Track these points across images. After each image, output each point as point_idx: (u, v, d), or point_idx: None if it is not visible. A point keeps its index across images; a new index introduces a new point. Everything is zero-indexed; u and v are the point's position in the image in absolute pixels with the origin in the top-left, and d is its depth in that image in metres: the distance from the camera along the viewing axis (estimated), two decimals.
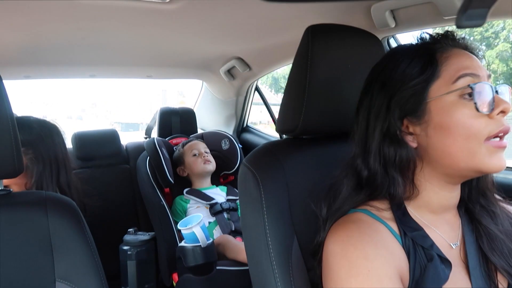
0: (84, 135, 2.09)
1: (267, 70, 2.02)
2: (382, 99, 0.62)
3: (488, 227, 0.64)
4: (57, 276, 0.75)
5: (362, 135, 0.64)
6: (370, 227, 0.59)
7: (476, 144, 0.56)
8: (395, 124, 0.60)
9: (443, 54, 0.60)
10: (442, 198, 0.63)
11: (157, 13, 1.23)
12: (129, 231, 1.70)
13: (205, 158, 1.96)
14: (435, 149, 0.59)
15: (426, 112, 0.59)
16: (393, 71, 0.62)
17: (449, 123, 0.57)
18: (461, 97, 0.57)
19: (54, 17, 1.23)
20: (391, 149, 0.60)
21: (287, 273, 0.72)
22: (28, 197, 0.79)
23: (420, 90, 0.59)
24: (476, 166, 0.57)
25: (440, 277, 0.56)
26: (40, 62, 1.82)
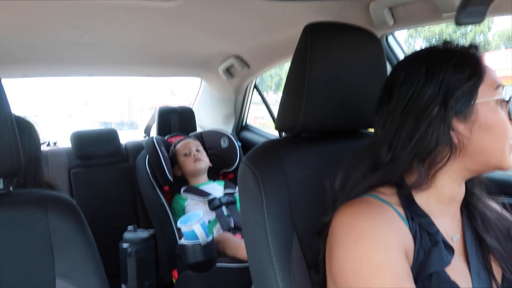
0: (83, 134, 2.09)
1: (265, 68, 2.02)
2: (434, 94, 0.64)
3: (483, 212, 0.70)
4: (57, 273, 0.75)
5: (396, 124, 0.66)
6: (379, 207, 0.63)
7: (507, 145, 0.63)
8: (449, 120, 0.63)
9: (483, 62, 0.67)
10: (452, 191, 0.67)
11: (155, 11, 1.23)
12: (128, 229, 1.70)
13: (195, 157, 1.95)
14: (475, 146, 0.63)
15: (473, 113, 0.63)
16: (444, 69, 0.65)
17: (494, 124, 0.63)
18: (497, 103, 0.64)
19: (52, 16, 1.23)
20: (432, 141, 0.63)
21: (287, 270, 0.73)
22: (28, 196, 0.79)
23: (470, 92, 0.64)
24: (502, 163, 0.64)
25: (443, 260, 0.60)
26: (38, 61, 1.81)
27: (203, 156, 1.99)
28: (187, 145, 2.00)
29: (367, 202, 0.64)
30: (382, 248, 0.57)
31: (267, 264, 0.74)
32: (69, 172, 2.04)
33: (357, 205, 0.64)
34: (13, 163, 0.74)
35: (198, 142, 2.05)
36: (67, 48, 1.63)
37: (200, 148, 2.02)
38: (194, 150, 1.98)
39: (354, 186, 0.67)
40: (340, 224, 0.62)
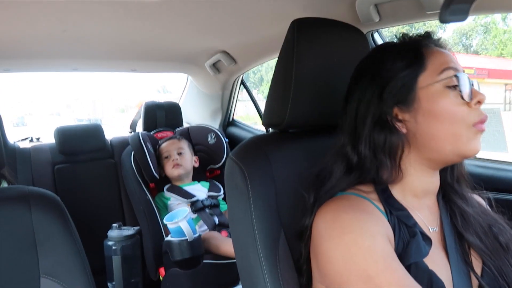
0: (67, 129, 2.06)
1: (253, 64, 2.01)
2: (373, 89, 0.67)
3: (462, 207, 0.70)
4: (42, 272, 0.74)
5: (352, 124, 0.69)
6: (359, 202, 0.64)
7: (462, 128, 0.62)
8: (388, 112, 0.65)
9: (428, 49, 0.66)
10: (423, 183, 0.68)
11: (141, 6, 1.21)
12: (113, 226, 1.68)
13: (174, 162, 1.90)
14: (424, 133, 0.64)
15: (415, 100, 0.64)
16: (383, 64, 0.67)
17: (437, 110, 0.62)
18: (445, 87, 0.63)
19: (34, 9, 1.20)
20: (381, 136, 0.65)
21: (275, 266, 0.73)
22: (10, 193, 0.78)
23: (410, 80, 0.65)
24: (460, 149, 0.62)
25: (421, 251, 0.61)
26: (20, 55, 1.77)
27: (183, 160, 1.92)
28: (168, 147, 1.96)
29: (347, 199, 0.65)
30: (369, 234, 0.57)
31: (254, 260, 0.74)
32: (53, 168, 2.01)
33: (338, 202, 0.65)
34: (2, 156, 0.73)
35: (183, 143, 1.98)
36: (50, 42, 1.59)
37: (185, 149, 1.96)
38: (175, 153, 1.92)
39: (333, 188, 0.68)
40: (322, 220, 0.63)
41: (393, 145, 0.65)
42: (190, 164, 1.95)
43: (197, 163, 2.02)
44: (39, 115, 14.92)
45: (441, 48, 0.68)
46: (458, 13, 0.43)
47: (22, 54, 1.76)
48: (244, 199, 0.76)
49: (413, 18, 1.09)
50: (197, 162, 2.02)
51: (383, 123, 0.65)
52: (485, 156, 1.19)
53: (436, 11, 0.96)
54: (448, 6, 0.41)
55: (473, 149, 0.63)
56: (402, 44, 0.70)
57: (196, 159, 2.02)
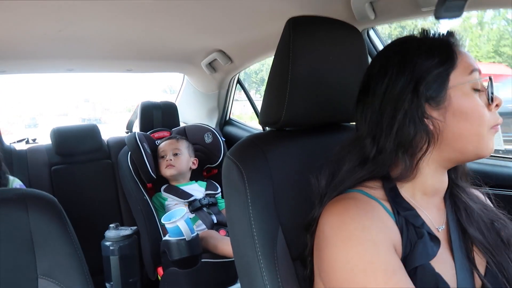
0: (63, 130, 2.05)
1: (249, 63, 2.01)
2: (406, 83, 0.65)
3: (466, 203, 0.70)
4: (40, 273, 0.73)
5: (376, 116, 0.67)
6: (366, 203, 0.63)
7: (485, 129, 0.63)
8: (422, 107, 0.64)
9: (458, 48, 0.67)
10: (435, 182, 0.68)
11: (137, 5, 1.21)
12: (110, 227, 1.68)
13: (167, 162, 1.90)
14: (451, 132, 0.64)
15: (446, 98, 0.64)
16: (415, 58, 0.66)
17: (467, 109, 0.63)
18: (472, 89, 0.64)
19: (29, 9, 1.20)
20: (411, 130, 0.64)
21: (273, 264, 0.73)
22: (6, 194, 0.78)
23: (443, 78, 0.64)
24: (480, 149, 0.64)
25: (428, 253, 0.60)
26: (16, 57, 1.76)
27: (178, 161, 1.91)
28: (165, 147, 1.96)
29: (354, 199, 0.63)
30: (372, 245, 0.57)
31: (252, 258, 0.74)
32: (49, 169, 2.00)
33: (345, 203, 0.63)
34: None
35: (180, 144, 1.97)
36: (46, 43, 1.58)
37: (181, 151, 1.94)
38: (170, 154, 1.92)
39: (343, 181, 0.67)
40: (328, 223, 0.61)
41: (419, 142, 0.64)
42: (184, 166, 1.94)
43: (196, 165, 2.01)
44: (49, 115, 14.92)
45: (463, 48, 0.69)
46: (453, 10, 0.43)
47: (17, 55, 1.75)
48: (242, 198, 0.76)
49: (408, 15, 1.09)
50: (195, 164, 2.01)
51: (415, 117, 0.64)
52: None
53: (431, 8, 0.96)
54: (443, 3, 0.41)
55: (490, 150, 0.64)
56: (432, 40, 0.68)
57: (195, 161, 2.00)
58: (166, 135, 2.16)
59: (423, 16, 1.06)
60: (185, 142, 2.00)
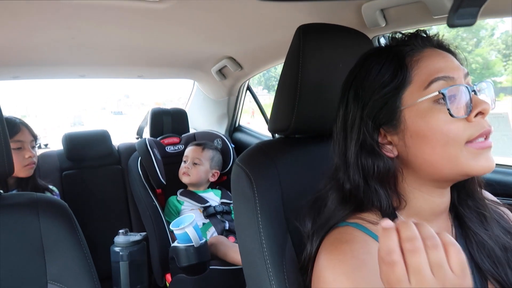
0: (75, 136, 2.07)
1: (258, 70, 2.02)
2: (356, 109, 0.60)
3: (478, 233, 0.62)
4: (49, 278, 0.74)
5: (341, 146, 0.62)
6: (363, 249, 0.57)
7: (456, 149, 0.54)
8: (371, 136, 0.58)
9: (413, 57, 0.57)
10: (433, 205, 0.61)
11: (147, 12, 1.22)
12: (119, 232, 1.69)
13: (184, 170, 1.91)
14: (416, 157, 0.57)
15: (401, 121, 0.57)
16: (365, 79, 0.60)
17: (425, 131, 0.55)
18: (435, 102, 0.55)
19: (42, 16, 1.22)
20: (368, 161, 0.58)
21: (281, 272, 0.73)
22: (19, 199, 0.78)
23: (392, 98, 0.57)
24: (461, 170, 0.55)
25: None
26: (29, 63, 1.79)
27: (195, 171, 1.89)
28: (189, 152, 1.95)
29: (350, 244, 0.57)
30: None
31: (261, 266, 0.74)
32: (61, 174, 2.02)
33: (341, 249, 0.57)
34: (4, 165, 0.73)
35: (204, 154, 1.93)
36: (59, 49, 1.61)
37: (202, 161, 1.91)
38: (190, 162, 1.91)
39: (328, 219, 0.62)
40: (324, 278, 0.56)
41: (381, 171, 0.57)
42: (201, 177, 1.91)
43: (215, 178, 1.96)
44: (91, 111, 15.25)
45: (437, 48, 0.59)
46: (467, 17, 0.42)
47: (31, 62, 1.78)
48: (251, 205, 0.76)
49: (419, 23, 1.08)
50: (215, 176, 1.96)
51: (369, 147, 0.58)
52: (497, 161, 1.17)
53: (443, 16, 0.95)
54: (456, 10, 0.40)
55: (480, 168, 0.54)
56: (386, 52, 0.60)
57: (215, 173, 1.96)
58: (176, 141, 2.17)
59: (435, 23, 1.05)
60: (210, 152, 1.96)
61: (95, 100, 17.59)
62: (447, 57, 0.58)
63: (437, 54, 0.58)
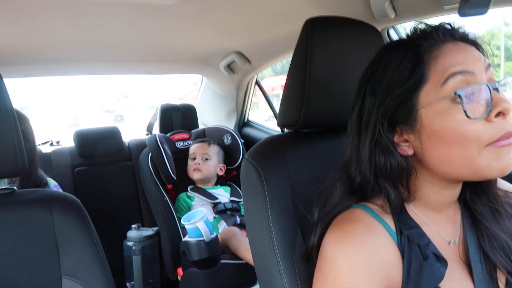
0: (86, 132, 2.10)
1: (266, 64, 2.01)
2: (372, 106, 0.59)
3: (490, 227, 0.61)
4: (63, 272, 0.75)
5: (355, 141, 0.61)
6: (365, 229, 0.57)
7: (475, 150, 0.52)
8: (386, 136, 0.57)
9: (431, 53, 0.55)
10: (442, 196, 0.60)
11: (155, 8, 1.23)
12: (132, 227, 1.71)
13: (195, 166, 1.93)
14: (432, 157, 0.56)
15: (417, 121, 0.55)
16: (382, 75, 0.58)
17: (442, 131, 0.53)
18: (452, 102, 0.52)
19: (52, 14, 1.23)
20: (381, 159, 0.57)
21: (292, 266, 0.73)
22: (32, 195, 0.80)
23: (408, 97, 0.55)
24: (478, 172, 0.53)
25: (435, 276, 0.55)
26: (39, 60, 1.81)
27: (205, 166, 1.94)
28: (196, 149, 1.98)
29: (354, 223, 0.58)
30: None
31: (271, 260, 0.74)
32: (72, 170, 2.05)
33: (344, 227, 0.58)
34: (17, 163, 0.74)
35: (211, 149, 1.98)
36: (68, 46, 1.63)
37: (210, 155, 1.96)
38: (200, 158, 1.94)
39: (334, 207, 0.63)
40: (325, 255, 0.58)
41: (394, 170, 0.57)
42: (212, 171, 1.96)
43: (223, 171, 2.03)
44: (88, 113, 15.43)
45: (459, 41, 0.56)
46: (479, 6, 0.41)
47: (41, 59, 1.80)
48: (260, 200, 0.76)
49: (430, 13, 1.07)
50: (223, 170, 2.02)
51: (383, 145, 0.57)
52: None
53: (454, 5, 0.93)
54: None
55: (500, 171, 0.52)
56: (405, 47, 0.58)
57: (222, 167, 2.02)
58: (186, 136, 2.18)
59: (446, 14, 1.03)
60: (216, 147, 2.02)
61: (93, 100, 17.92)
62: (467, 50, 0.55)
63: (457, 48, 0.55)
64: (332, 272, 0.56)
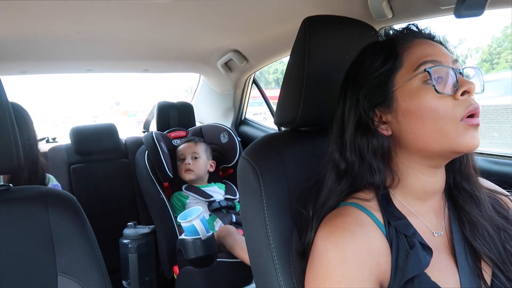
0: (82, 129, 2.09)
1: (264, 63, 2.01)
2: (353, 93, 0.66)
3: (470, 213, 0.65)
4: (59, 270, 0.75)
5: (339, 130, 0.68)
6: (355, 222, 0.62)
7: (448, 124, 0.58)
8: (367, 114, 0.64)
9: (404, 45, 0.64)
10: (425, 183, 0.65)
11: (153, 6, 1.22)
12: (128, 225, 1.71)
13: (186, 167, 1.92)
14: (407, 133, 0.61)
15: (393, 100, 0.62)
16: (361, 66, 0.66)
17: (415, 107, 0.60)
18: (424, 83, 0.60)
19: (49, 11, 1.22)
20: (363, 139, 0.64)
21: (288, 264, 0.73)
22: (28, 193, 0.80)
23: (384, 80, 0.63)
24: (450, 146, 0.59)
25: (421, 263, 0.58)
26: (36, 57, 1.81)
27: (196, 165, 1.93)
28: (184, 150, 1.97)
29: (343, 217, 0.63)
30: (347, 284, 0.57)
31: (267, 258, 0.74)
32: (68, 168, 2.04)
33: (334, 222, 0.63)
34: (13, 160, 0.74)
35: (199, 148, 1.98)
36: (65, 44, 1.62)
37: (200, 154, 1.96)
38: (190, 158, 1.94)
39: (326, 201, 0.67)
40: (316, 248, 0.62)
41: (377, 148, 0.63)
42: (203, 169, 1.96)
43: (213, 168, 2.03)
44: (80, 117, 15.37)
45: (427, 39, 0.65)
46: (474, 7, 0.41)
47: (38, 56, 1.79)
48: (257, 198, 0.76)
49: (427, 14, 1.07)
50: (213, 167, 2.02)
51: (364, 126, 0.64)
52: (502, 153, 1.16)
53: (451, 6, 0.93)
54: (463, 0, 0.40)
55: (466, 145, 0.58)
56: (380, 43, 0.68)
57: (212, 164, 2.02)
58: (183, 134, 2.18)
59: (443, 14, 1.04)
60: (203, 145, 2.01)
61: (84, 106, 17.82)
62: (436, 45, 0.64)
63: (427, 43, 0.64)
64: (324, 264, 0.59)
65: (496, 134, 1.69)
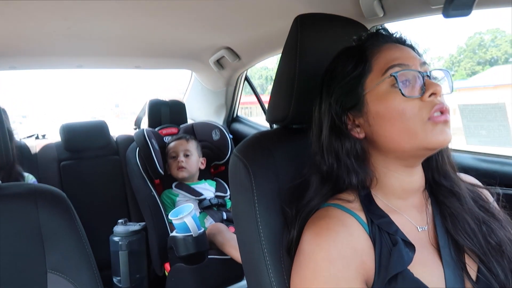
0: (72, 126, 2.07)
1: (256, 60, 2.01)
2: (327, 97, 0.68)
3: (451, 207, 0.67)
4: (49, 267, 0.75)
5: (317, 132, 0.70)
6: (338, 222, 0.63)
7: (415, 124, 0.60)
8: (339, 119, 0.66)
9: (373, 50, 0.66)
10: (402, 183, 0.66)
11: (145, 3, 1.22)
12: (119, 222, 1.70)
13: (179, 165, 1.91)
14: (379, 136, 0.64)
15: (364, 104, 0.64)
16: (333, 72, 0.69)
17: (384, 111, 0.62)
18: (392, 86, 0.62)
19: (38, 7, 1.21)
20: (337, 142, 0.66)
21: (278, 261, 0.73)
22: (17, 189, 0.79)
23: (355, 85, 0.65)
24: (420, 144, 0.60)
25: (403, 259, 0.59)
26: (25, 53, 1.78)
27: (189, 162, 1.93)
28: (176, 147, 1.96)
29: (326, 219, 0.64)
30: (335, 283, 0.58)
31: (258, 255, 0.75)
32: (58, 165, 2.02)
33: (318, 224, 0.64)
34: (1, 156, 0.73)
35: (190, 145, 1.98)
36: (55, 39, 1.60)
37: (191, 151, 1.95)
38: (182, 155, 1.93)
39: (310, 201, 0.68)
40: (302, 250, 0.63)
41: (350, 151, 0.65)
42: (195, 167, 1.96)
43: (204, 165, 2.02)
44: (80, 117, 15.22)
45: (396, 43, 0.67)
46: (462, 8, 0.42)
47: (27, 52, 1.77)
48: (248, 195, 0.76)
49: (417, 13, 1.08)
50: (204, 164, 2.02)
51: (337, 129, 0.66)
52: (491, 151, 1.18)
53: (441, 6, 0.94)
54: (452, 1, 0.40)
55: (436, 141, 0.60)
56: (352, 48, 0.69)
57: (203, 161, 2.02)
58: (174, 131, 2.17)
59: (433, 13, 1.05)
60: (194, 142, 2.01)
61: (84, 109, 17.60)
62: (404, 49, 0.66)
63: (395, 47, 0.66)
64: (310, 266, 0.60)
65: (485, 132, 1.72)
